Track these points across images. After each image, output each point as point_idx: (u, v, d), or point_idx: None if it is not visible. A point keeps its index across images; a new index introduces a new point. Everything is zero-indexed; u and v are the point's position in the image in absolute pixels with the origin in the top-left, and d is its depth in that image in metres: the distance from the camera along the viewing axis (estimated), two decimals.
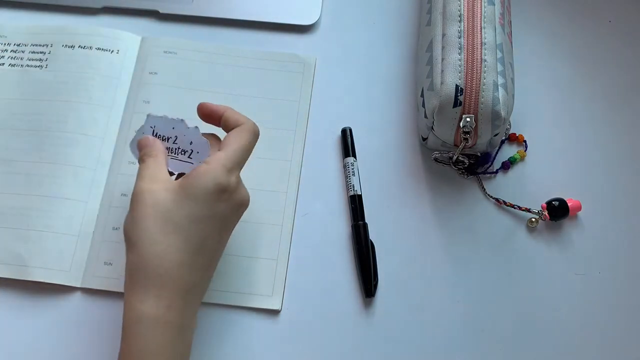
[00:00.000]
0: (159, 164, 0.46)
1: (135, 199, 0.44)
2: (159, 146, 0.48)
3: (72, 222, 0.53)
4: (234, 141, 0.46)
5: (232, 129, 0.48)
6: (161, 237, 0.42)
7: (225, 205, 0.45)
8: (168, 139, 0.48)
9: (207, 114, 0.49)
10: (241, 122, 0.48)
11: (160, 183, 0.44)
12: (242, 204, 0.47)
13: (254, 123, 0.48)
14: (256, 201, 0.54)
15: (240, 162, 0.46)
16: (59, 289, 0.51)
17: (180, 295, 0.43)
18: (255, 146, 0.49)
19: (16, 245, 0.52)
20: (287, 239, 0.53)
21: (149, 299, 0.41)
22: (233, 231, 0.49)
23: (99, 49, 0.60)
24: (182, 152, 0.48)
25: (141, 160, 0.47)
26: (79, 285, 0.51)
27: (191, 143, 0.48)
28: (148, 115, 0.49)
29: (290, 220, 0.54)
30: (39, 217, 0.53)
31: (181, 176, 0.48)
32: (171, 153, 0.48)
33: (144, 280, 0.42)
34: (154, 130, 0.48)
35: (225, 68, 0.60)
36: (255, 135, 0.48)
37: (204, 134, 0.48)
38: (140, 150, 0.48)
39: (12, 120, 0.57)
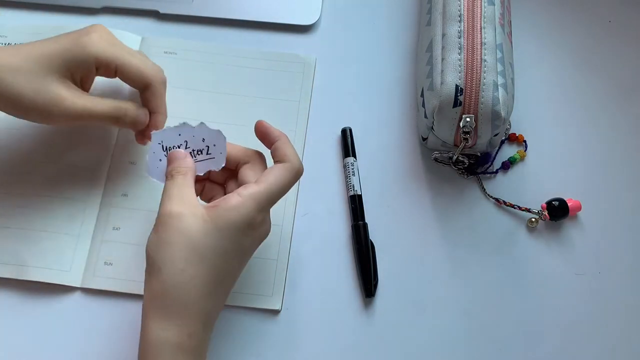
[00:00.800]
0: (188, 183, 0.45)
1: (164, 221, 0.43)
2: (189, 163, 0.47)
3: (72, 222, 0.53)
4: (274, 178, 0.45)
5: (278, 161, 0.47)
6: (187, 266, 0.42)
7: (251, 240, 0.45)
8: (179, 146, 0.48)
9: (262, 134, 0.48)
10: (288, 159, 0.46)
11: (189, 207, 0.43)
12: (264, 236, 0.47)
13: (300, 163, 0.47)
14: None
15: (273, 200, 0.45)
16: (59, 289, 0.51)
17: (202, 323, 0.43)
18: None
19: (16, 245, 0.52)
20: (287, 239, 0.53)
21: (171, 327, 0.41)
22: None
23: None
24: (199, 152, 0.48)
25: (170, 175, 0.46)
26: (78, 285, 0.51)
27: (204, 140, 0.48)
28: (152, 134, 0.48)
29: (290, 221, 0.54)
30: (39, 217, 0.53)
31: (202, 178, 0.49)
32: None
33: (167, 308, 0.42)
34: (163, 146, 0.48)
35: (225, 68, 0.60)
36: (297, 177, 0.47)
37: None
38: (170, 164, 0.47)
39: (11, 121, 0.56)
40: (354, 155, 0.57)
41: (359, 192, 0.55)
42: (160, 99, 0.52)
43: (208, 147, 0.48)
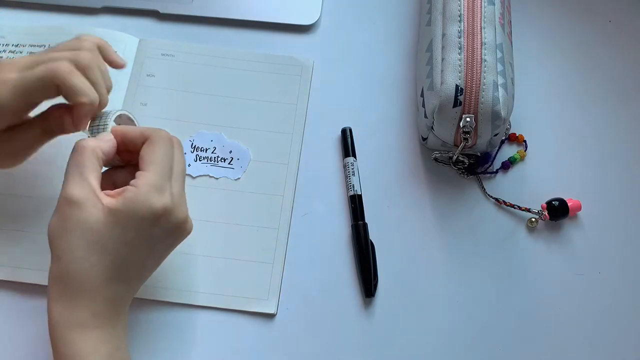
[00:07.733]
0: (90, 164, 0.43)
1: (64, 208, 0.42)
2: (97, 143, 0.44)
3: None
4: (155, 157, 0.44)
5: (146, 143, 0.45)
6: (87, 255, 0.42)
7: (160, 230, 0.43)
8: (207, 149, 0.55)
9: (122, 138, 0.46)
10: (151, 134, 0.45)
11: (90, 195, 0.42)
12: (179, 228, 0.45)
13: (163, 130, 0.45)
14: (252, 205, 0.54)
15: (166, 175, 0.44)
16: None
17: (107, 305, 0.43)
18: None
19: (8, 247, 0.52)
20: (284, 242, 0.53)
21: (72, 307, 0.42)
22: (228, 234, 0.51)
23: None
24: (222, 160, 0.55)
25: (75, 149, 0.44)
26: None
27: (231, 152, 0.55)
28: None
29: (286, 224, 0.54)
30: (31, 219, 0.53)
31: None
32: (210, 161, 0.55)
33: (68, 290, 0.42)
34: (192, 143, 0.56)
35: (222, 71, 0.60)
36: (171, 143, 0.45)
37: None
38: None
39: None
40: (354, 155, 0.57)
41: (359, 192, 0.55)
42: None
43: (232, 158, 0.55)
